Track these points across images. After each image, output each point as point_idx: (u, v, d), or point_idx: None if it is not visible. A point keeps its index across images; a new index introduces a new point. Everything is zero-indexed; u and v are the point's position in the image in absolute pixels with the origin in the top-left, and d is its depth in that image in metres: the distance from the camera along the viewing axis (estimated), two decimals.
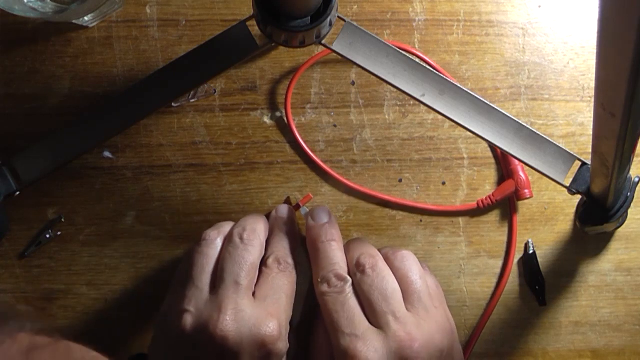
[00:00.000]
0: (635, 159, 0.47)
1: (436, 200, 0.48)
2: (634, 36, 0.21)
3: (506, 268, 0.47)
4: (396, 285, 0.40)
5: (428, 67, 0.41)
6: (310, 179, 0.47)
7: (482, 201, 0.47)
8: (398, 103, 0.48)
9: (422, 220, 0.48)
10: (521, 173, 0.46)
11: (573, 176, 0.42)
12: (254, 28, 0.38)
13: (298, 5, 0.34)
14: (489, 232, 0.47)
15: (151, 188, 0.47)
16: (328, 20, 0.36)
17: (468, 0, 0.48)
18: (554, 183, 0.42)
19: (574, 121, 0.48)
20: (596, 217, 0.43)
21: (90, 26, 0.47)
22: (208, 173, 0.47)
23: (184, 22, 0.47)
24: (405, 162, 0.48)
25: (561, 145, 0.42)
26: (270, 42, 0.38)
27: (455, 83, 0.41)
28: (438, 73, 0.41)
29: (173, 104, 0.47)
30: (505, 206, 0.48)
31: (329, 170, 0.47)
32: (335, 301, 0.39)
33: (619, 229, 0.47)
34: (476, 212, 0.47)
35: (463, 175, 0.48)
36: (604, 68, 0.26)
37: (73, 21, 0.46)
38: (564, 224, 0.48)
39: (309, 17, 0.35)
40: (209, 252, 0.40)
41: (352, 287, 0.40)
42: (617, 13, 0.22)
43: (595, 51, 0.26)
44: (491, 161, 0.48)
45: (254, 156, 0.47)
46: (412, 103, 0.48)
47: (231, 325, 0.36)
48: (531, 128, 0.41)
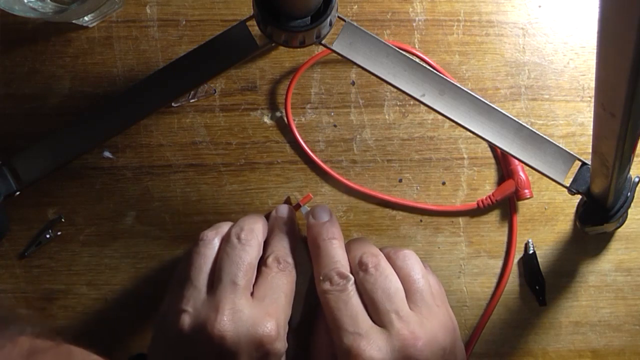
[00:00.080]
0: (635, 159, 0.47)
1: (436, 200, 0.48)
2: (634, 36, 0.21)
3: (506, 268, 0.47)
4: (399, 284, 0.40)
5: (428, 67, 0.41)
6: (310, 179, 0.47)
7: (482, 201, 0.47)
8: (398, 103, 0.48)
9: (422, 220, 0.48)
10: (521, 173, 0.46)
11: (573, 176, 0.42)
12: (254, 28, 0.38)
13: (298, 5, 0.34)
14: (489, 232, 0.47)
15: (151, 188, 0.47)
16: (328, 20, 0.36)
17: (468, 0, 0.48)
18: (554, 183, 0.42)
19: (574, 121, 0.48)
20: (596, 217, 0.43)
21: (90, 26, 0.47)
22: (208, 173, 0.47)
23: (184, 22, 0.47)
24: (405, 162, 0.48)
25: (561, 145, 0.42)
26: (270, 42, 0.38)
27: (455, 83, 0.41)
28: (438, 73, 0.41)
29: (173, 104, 0.47)
30: (505, 206, 0.48)
31: (329, 170, 0.47)
32: (337, 299, 0.39)
33: (619, 229, 0.47)
34: (476, 212, 0.47)
35: (463, 175, 0.48)
36: (604, 68, 0.26)
37: (73, 21, 0.46)
38: (564, 224, 0.48)
39: (309, 17, 0.35)
40: (207, 252, 0.40)
41: (354, 286, 0.40)
42: (617, 13, 0.22)
43: (595, 51, 0.26)
44: (491, 161, 0.48)
45: (254, 156, 0.47)
46: (412, 103, 0.48)
47: (228, 325, 0.36)
48: (531, 128, 0.41)
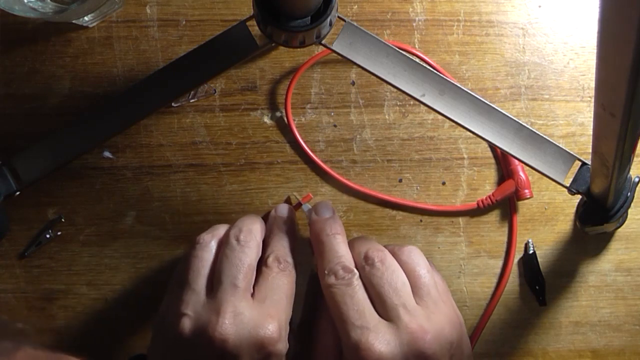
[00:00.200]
0: (635, 159, 0.47)
1: (436, 200, 0.48)
2: (634, 36, 0.21)
3: (506, 268, 0.47)
4: (405, 278, 0.39)
5: (428, 67, 0.41)
6: (310, 179, 0.47)
7: (482, 201, 0.47)
8: (398, 103, 0.48)
9: (422, 220, 0.48)
10: (521, 173, 0.46)
11: (573, 176, 0.42)
12: (254, 28, 0.38)
13: (298, 5, 0.34)
14: (489, 232, 0.47)
15: (151, 188, 0.47)
16: (328, 20, 0.36)
17: (468, 0, 0.48)
18: (554, 183, 0.42)
19: (574, 121, 0.48)
20: (596, 217, 0.43)
21: (90, 26, 0.47)
22: (208, 173, 0.47)
23: (184, 22, 0.47)
24: (405, 162, 0.48)
25: (561, 145, 0.42)
26: (270, 42, 0.38)
27: (455, 83, 0.41)
28: (438, 73, 0.41)
29: (173, 104, 0.47)
30: (505, 206, 0.48)
31: (329, 170, 0.47)
32: (343, 293, 0.38)
33: (619, 229, 0.47)
34: (476, 212, 0.47)
35: (463, 175, 0.48)
36: (604, 68, 0.26)
37: (73, 21, 0.46)
38: (564, 224, 0.48)
39: (309, 17, 0.35)
40: (204, 255, 0.40)
41: (360, 280, 0.39)
42: (617, 13, 0.22)
43: (595, 51, 0.26)
44: (491, 161, 0.48)
45: (254, 156, 0.47)
46: (412, 103, 0.48)
47: (230, 328, 0.36)
48: (531, 128, 0.41)
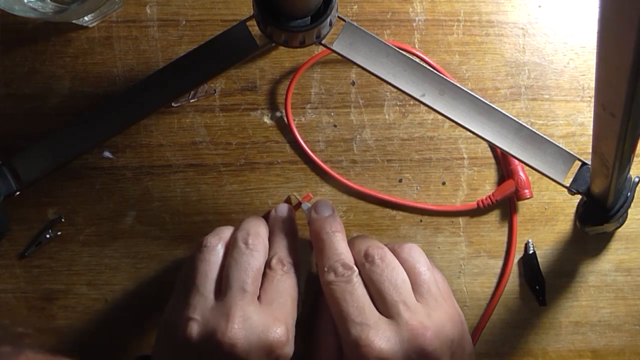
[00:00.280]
0: (635, 159, 0.47)
1: (436, 200, 0.48)
2: (634, 36, 0.21)
3: (506, 268, 0.47)
4: (405, 275, 0.39)
5: (428, 67, 0.41)
6: (310, 179, 0.47)
7: (482, 201, 0.47)
8: (398, 103, 0.48)
9: (422, 220, 0.48)
10: (521, 173, 0.46)
11: (573, 176, 0.42)
12: (254, 28, 0.38)
13: (298, 5, 0.34)
14: (489, 232, 0.47)
15: (151, 188, 0.47)
16: (328, 20, 0.36)
17: (468, 0, 0.48)
18: (554, 183, 0.42)
19: (574, 121, 0.48)
20: (596, 217, 0.43)
21: (90, 26, 0.47)
22: (208, 173, 0.47)
23: (184, 22, 0.47)
24: (405, 162, 0.48)
25: (561, 145, 0.42)
26: (270, 42, 0.38)
27: (455, 83, 0.41)
28: (438, 73, 0.41)
29: (173, 104, 0.47)
30: (505, 206, 0.48)
31: (329, 170, 0.47)
32: (343, 290, 0.38)
33: (619, 229, 0.47)
34: (476, 212, 0.47)
35: (463, 175, 0.48)
36: (604, 68, 0.26)
37: (73, 21, 0.46)
38: (564, 224, 0.48)
39: (309, 17, 0.35)
40: (211, 259, 0.40)
41: (359, 277, 0.39)
42: (617, 13, 0.22)
43: (595, 51, 0.26)
44: (491, 161, 0.48)
45: (254, 156, 0.47)
46: (412, 103, 0.47)
47: (239, 332, 0.36)
48: (531, 128, 0.41)
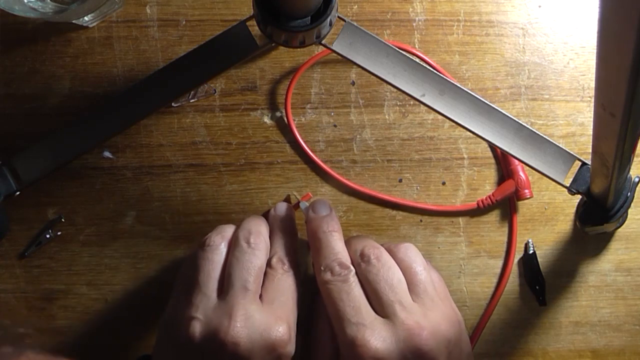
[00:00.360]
0: (635, 159, 0.47)
1: (436, 200, 0.48)
2: (634, 36, 0.21)
3: (506, 268, 0.47)
4: (401, 275, 0.39)
5: (428, 67, 0.41)
6: (310, 179, 0.47)
7: (482, 201, 0.47)
8: (398, 103, 0.48)
9: (422, 220, 0.48)
10: (521, 173, 0.46)
11: (573, 176, 0.42)
12: (254, 28, 0.38)
13: (298, 5, 0.34)
14: (489, 232, 0.47)
15: (151, 188, 0.47)
16: (328, 20, 0.36)
17: (468, 0, 0.48)
18: (554, 183, 0.42)
19: (574, 121, 0.48)
20: (596, 217, 0.43)
21: (90, 26, 0.47)
22: (208, 173, 0.47)
23: (184, 22, 0.47)
24: (405, 162, 0.48)
25: (561, 145, 0.42)
26: (270, 42, 0.38)
27: (455, 83, 0.41)
28: (438, 73, 0.41)
29: (173, 104, 0.47)
30: (505, 206, 0.48)
31: (329, 170, 0.47)
32: (339, 290, 0.38)
33: (619, 229, 0.47)
34: (476, 212, 0.47)
35: (463, 175, 0.48)
36: (604, 68, 0.26)
37: (73, 21, 0.46)
38: (564, 224, 0.48)
39: (309, 17, 0.35)
40: (215, 258, 0.40)
41: (356, 277, 0.39)
42: (617, 13, 0.22)
43: (595, 51, 0.26)
44: (491, 161, 0.48)
45: (254, 156, 0.47)
46: (412, 103, 0.47)
47: (242, 331, 0.36)
48: (531, 128, 0.41)
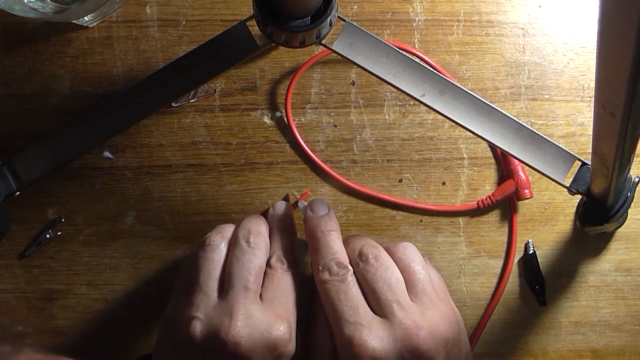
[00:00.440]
0: (635, 159, 0.47)
1: (436, 200, 0.48)
2: (634, 36, 0.21)
3: (506, 268, 0.47)
4: (399, 275, 0.39)
5: (428, 67, 0.41)
6: (310, 179, 0.47)
7: (482, 201, 0.47)
8: (398, 103, 0.48)
9: (422, 220, 0.48)
10: (521, 173, 0.46)
11: (573, 176, 0.42)
12: (254, 28, 0.38)
13: (298, 5, 0.34)
14: (489, 232, 0.47)
15: (151, 188, 0.47)
16: (328, 20, 0.36)
17: (468, 0, 0.48)
18: (554, 183, 0.42)
19: (574, 121, 0.48)
20: (596, 217, 0.43)
21: (90, 26, 0.47)
22: (208, 173, 0.47)
23: (184, 22, 0.47)
24: (405, 162, 0.48)
25: (561, 145, 0.42)
26: (270, 42, 0.38)
27: (455, 83, 0.41)
28: (438, 73, 0.41)
29: (173, 104, 0.47)
30: (505, 206, 0.48)
31: (329, 170, 0.47)
32: (337, 289, 0.38)
33: (619, 229, 0.47)
34: (476, 212, 0.47)
35: (463, 175, 0.48)
36: (604, 68, 0.26)
37: (73, 21, 0.46)
38: (564, 224, 0.48)
39: (309, 17, 0.35)
40: (215, 257, 0.40)
41: (354, 277, 0.39)
42: (617, 13, 0.22)
43: (595, 51, 0.26)
44: (491, 161, 0.48)
45: (254, 156, 0.47)
46: (412, 103, 0.47)
47: (243, 330, 0.36)
48: (531, 128, 0.41)
